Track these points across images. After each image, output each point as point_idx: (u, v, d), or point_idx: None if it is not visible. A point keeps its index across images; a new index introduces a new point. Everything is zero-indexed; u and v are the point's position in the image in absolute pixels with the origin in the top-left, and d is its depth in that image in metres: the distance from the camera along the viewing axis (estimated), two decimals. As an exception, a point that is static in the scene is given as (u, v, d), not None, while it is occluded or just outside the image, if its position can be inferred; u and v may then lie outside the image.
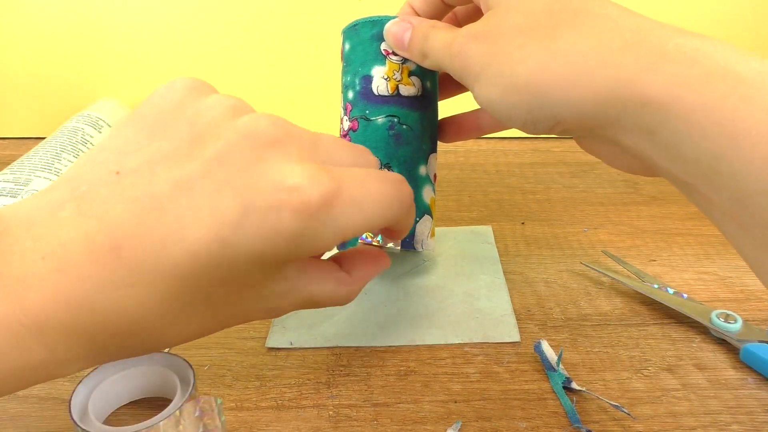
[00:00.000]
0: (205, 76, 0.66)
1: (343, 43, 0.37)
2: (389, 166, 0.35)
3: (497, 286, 0.37)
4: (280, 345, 0.32)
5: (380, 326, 0.34)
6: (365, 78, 0.35)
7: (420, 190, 0.36)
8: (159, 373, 0.28)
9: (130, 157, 0.21)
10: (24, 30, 0.59)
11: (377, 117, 0.35)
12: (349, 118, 0.36)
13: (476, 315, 0.34)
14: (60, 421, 0.27)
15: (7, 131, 0.63)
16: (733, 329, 0.31)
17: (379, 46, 0.35)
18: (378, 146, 0.35)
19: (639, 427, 0.27)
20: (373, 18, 0.35)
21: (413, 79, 0.35)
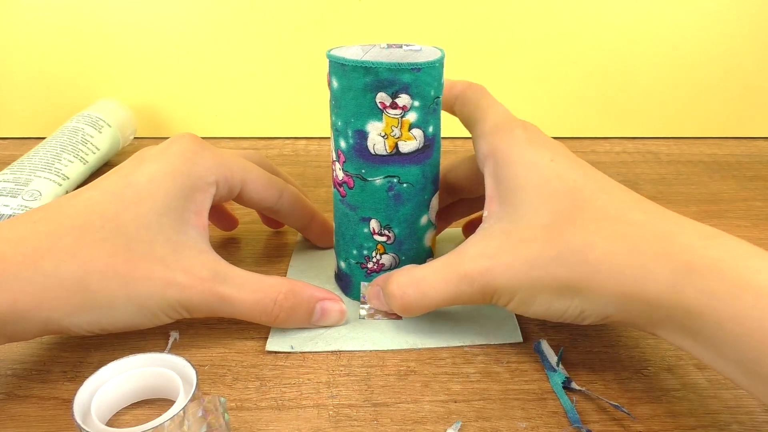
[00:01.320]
0: (205, 76, 0.66)
1: (330, 75, 0.32)
2: (389, 227, 0.33)
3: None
4: (281, 349, 0.32)
5: (381, 331, 0.33)
6: (359, 133, 0.31)
7: (422, 241, 0.35)
8: (161, 375, 0.28)
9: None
10: (24, 30, 0.59)
11: (375, 178, 0.32)
12: (343, 170, 0.33)
13: (478, 319, 0.34)
14: (60, 421, 0.27)
15: (7, 131, 0.63)
16: (733, 329, 0.31)
17: (374, 98, 0.30)
18: (377, 208, 0.33)
19: (639, 427, 0.27)
20: (365, 63, 0.29)
21: (414, 132, 0.31)
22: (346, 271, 0.36)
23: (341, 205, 0.34)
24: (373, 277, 0.35)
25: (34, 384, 0.29)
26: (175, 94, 0.62)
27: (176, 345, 0.32)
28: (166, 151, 0.32)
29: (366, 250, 0.34)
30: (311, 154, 0.60)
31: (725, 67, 0.62)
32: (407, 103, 0.30)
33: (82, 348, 0.32)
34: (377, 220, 0.33)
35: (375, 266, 0.35)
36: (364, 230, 0.34)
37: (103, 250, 0.28)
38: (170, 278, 0.29)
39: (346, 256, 0.35)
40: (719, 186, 0.53)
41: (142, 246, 0.29)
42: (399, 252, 0.34)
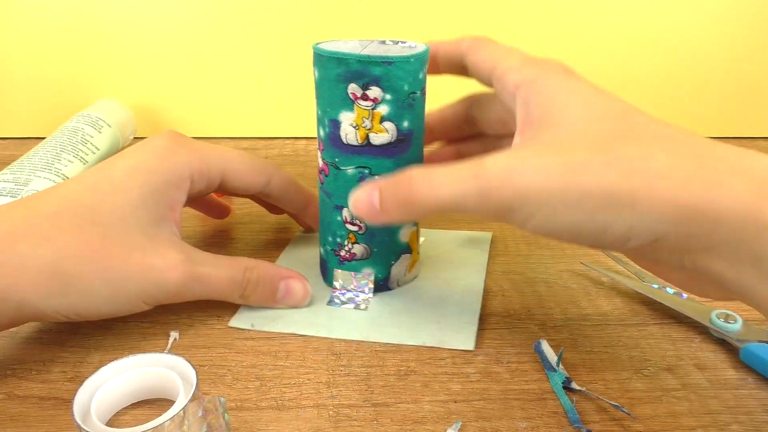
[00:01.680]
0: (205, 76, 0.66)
1: (313, 66, 0.33)
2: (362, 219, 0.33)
3: (472, 293, 0.36)
4: (241, 326, 0.33)
5: (341, 319, 0.34)
6: (333, 122, 0.32)
7: (396, 235, 0.35)
8: (161, 375, 0.28)
9: None
10: (24, 30, 0.59)
11: (347, 167, 0.33)
12: (321, 157, 0.34)
13: (440, 319, 0.34)
14: (60, 421, 0.27)
15: (7, 131, 0.63)
16: (733, 329, 0.31)
17: (345, 89, 0.31)
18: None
19: (639, 427, 0.27)
20: (337, 53, 0.30)
21: (386, 125, 0.31)
22: (324, 257, 0.37)
23: (320, 192, 0.35)
24: (346, 265, 0.35)
25: (34, 384, 0.29)
26: (175, 94, 0.62)
27: (176, 345, 0.32)
28: (143, 147, 0.33)
29: (339, 238, 0.35)
30: (311, 154, 0.60)
31: (725, 67, 0.62)
32: (378, 96, 0.31)
33: (82, 348, 0.32)
34: (349, 210, 0.33)
35: (347, 255, 0.35)
36: (337, 218, 0.34)
37: (79, 236, 0.29)
38: (148, 263, 0.30)
39: (324, 242, 0.36)
40: (719, 186, 0.53)
41: (117, 235, 0.30)
42: (371, 243, 0.35)
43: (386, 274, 0.36)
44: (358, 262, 0.35)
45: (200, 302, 0.35)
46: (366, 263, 0.35)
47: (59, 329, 0.33)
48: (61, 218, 0.29)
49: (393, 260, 0.36)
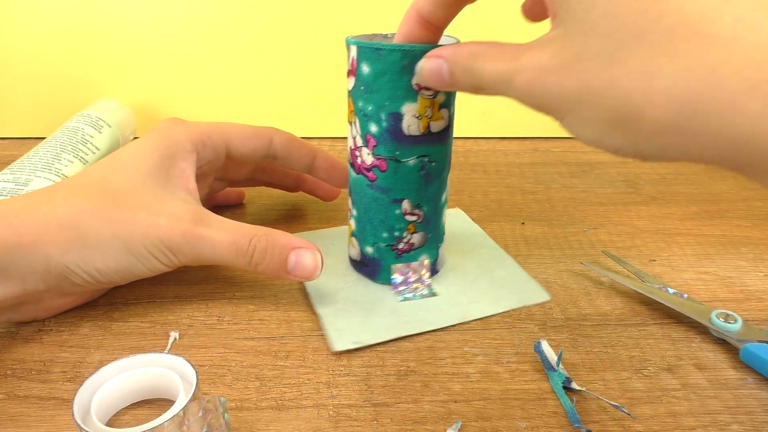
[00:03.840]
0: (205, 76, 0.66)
1: (358, 62, 0.32)
2: (419, 206, 0.35)
3: (499, 255, 0.40)
4: (347, 347, 0.31)
5: (425, 310, 0.34)
6: (394, 115, 0.32)
7: (442, 217, 0.37)
8: (161, 375, 0.28)
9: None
10: (24, 30, 0.59)
11: (408, 159, 0.33)
12: (373, 154, 0.33)
13: (501, 284, 0.37)
14: (60, 421, 0.27)
15: (7, 131, 0.63)
16: (733, 329, 0.31)
17: (410, 81, 0.31)
18: (409, 188, 0.34)
19: (639, 427, 0.27)
20: (403, 46, 0.30)
21: (443, 112, 0.33)
22: (374, 255, 0.36)
23: (370, 190, 0.35)
24: (404, 258, 0.36)
25: (34, 384, 0.29)
26: (175, 94, 0.62)
27: (176, 345, 0.32)
28: (148, 134, 0.36)
29: (397, 232, 0.35)
30: (311, 154, 0.60)
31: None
32: None
33: (82, 348, 0.32)
34: (409, 201, 0.34)
35: (406, 246, 0.36)
36: (395, 212, 0.35)
37: (92, 198, 0.32)
38: (153, 221, 0.31)
39: (375, 241, 0.36)
40: (719, 186, 0.53)
41: (127, 197, 0.32)
42: (427, 230, 0.36)
43: (436, 258, 0.37)
44: (416, 252, 0.36)
45: (200, 302, 0.35)
46: (422, 251, 0.36)
47: (59, 329, 0.33)
48: (76, 188, 0.32)
49: (440, 242, 0.37)
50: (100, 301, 0.35)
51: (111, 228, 0.31)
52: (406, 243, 0.35)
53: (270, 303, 0.35)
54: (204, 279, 0.38)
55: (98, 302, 0.35)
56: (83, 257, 0.31)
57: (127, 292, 0.36)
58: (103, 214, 0.31)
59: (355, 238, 0.37)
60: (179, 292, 0.36)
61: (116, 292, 0.36)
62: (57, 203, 0.31)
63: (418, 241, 0.36)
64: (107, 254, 0.31)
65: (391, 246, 0.36)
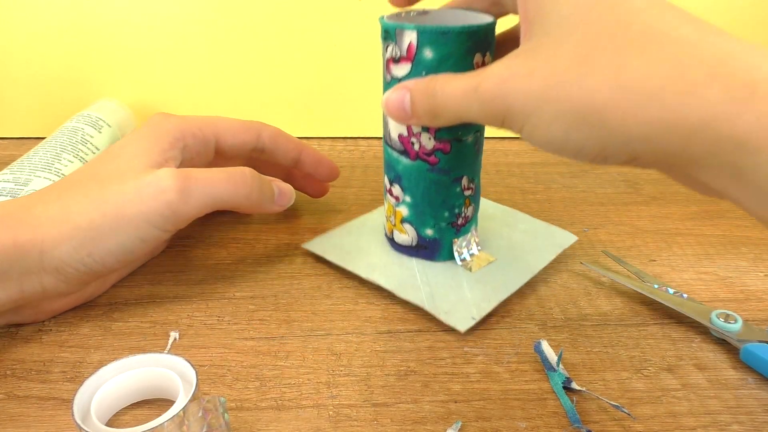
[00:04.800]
0: (205, 76, 0.66)
1: (419, 47, 0.31)
2: (473, 179, 0.36)
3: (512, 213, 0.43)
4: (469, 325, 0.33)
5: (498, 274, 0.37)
6: None
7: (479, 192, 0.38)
8: (161, 375, 0.28)
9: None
10: (24, 30, 0.59)
11: (468, 136, 0.35)
12: (435, 137, 0.34)
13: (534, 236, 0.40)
14: (60, 421, 0.27)
15: (7, 131, 0.63)
16: (733, 329, 0.31)
17: (473, 60, 0.31)
18: (468, 163, 0.35)
19: (639, 427, 0.27)
20: (470, 27, 0.30)
21: None
22: (435, 236, 0.37)
23: (431, 174, 0.35)
24: (463, 232, 0.38)
25: (34, 384, 0.29)
26: (175, 94, 0.62)
27: (176, 345, 0.32)
28: (139, 128, 0.36)
29: (457, 209, 0.37)
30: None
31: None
32: (489, 61, 0.32)
33: (82, 348, 0.32)
34: (467, 176, 0.36)
35: (463, 221, 0.37)
36: (456, 190, 0.36)
37: (81, 190, 0.32)
38: (141, 181, 0.32)
39: (436, 222, 0.37)
40: (719, 186, 0.53)
41: (114, 180, 0.32)
42: (476, 201, 0.38)
43: (476, 224, 0.39)
44: (469, 224, 0.38)
45: (200, 302, 0.35)
46: (472, 222, 0.38)
47: (59, 329, 0.33)
48: (67, 183, 0.33)
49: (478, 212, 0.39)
50: (100, 301, 0.35)
51: (99, 208, 0.31)
52: (463, 217, 0.37)
53: (270, 303, 0.35)
54: (204, 279, 0.38)
55: (98, 302, 0.35)
56: (75, 246, 0.30)
57: (127, 292, 0.36)
58: (90, 198, 0.31)
59: (408, 224, 0.37)
60: (179, 292, 0.36)
61: (116, 292, 0.36)
62: (49, 201, 0.32)
63: (471, 212, 0.38)
64: (101, 236, 0.31)
65: (452, 223, 0.37)
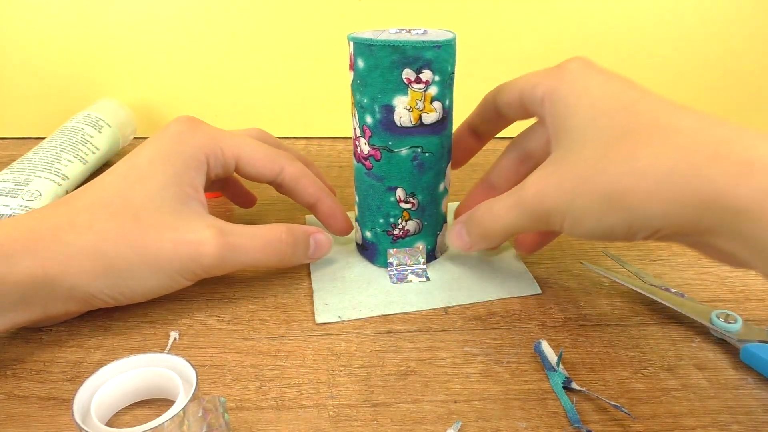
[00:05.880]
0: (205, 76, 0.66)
1: (354, 56, 0.34)
2: (414, 194, 0.36)
3: (502, 247, 0.40)
4: (329, 320, 0.34)
5: (413, 293, 0.36)
6: (386, 108, 0.33)
7: (439, 206, 0.38)
8: (161, 375, 0.28)
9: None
10: (24, 30, 0.59)
11: (401, 149, 0.34)
12: (369, 144, 0.35)
13: (495, 274, 0.38)
14: (60, 421, 0.27)
15: (7, 131, 0.63)
16: (733, 329, 0.31)
17: (400, 74, 0.32)
18: (402, 177, 0.35)
19: (639, 427, 0.27)
20: (392, 42, 0.32)
21: (435, 105, 0.34)
22: (372, 240, 0.38)
23: (367, 178, 0.36)
24: (399, 243, 0.38)
25: (34, 384, 0.29)
26: (176, 93, 0.62)
27: (176, 345, 0.32)
28: (162, 134, 0.35)
29: (392, 218, 0.37)
30: (312, 154, 0.60)
31: (725, 67, 0.62)
32: (429, 78, 0.33)
33: (82, 348, 0.32)
34: (403, 189, 0.36)
35: (401, 233, 0.37)
36: (390, 199, 0.36)
37: (114, 221, 0.31)
38: (180, 239, 0.32)
39: (372, 226, 0.38)
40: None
41: (149, 216, 0.32)
42: (422, 217, 0.37)
43: (433, 245, 0.39)
44: (411, 238, 0.38)
45: (200, 302, 0.35)
46: (418, 237, 0.38)
47: (59, 329, 0.33)
48: (97, 208, 0.32)
49: (438, 230, 0.39)
50: (100, 301, 0.35)
51: (137, 253, 0.31)
52: (401, 229, 0.37)
53: (270, 303, 0.35)
54: (204, 279, 0.38)
55: (98, 302, 0.35)
56: (109, 284, 0.31)
57: (127, 292, 0.36)
58: (129, 240, 0.31)
59: (357, 222, 0.39)
60: (179, 292, 0.36)
61: (116, 292, 0.36)
62: (80, 231, 0.30)
63: (413, 228, 0.37)
64: (134, 278, 0.31)
65: (387, 231, 0.37)
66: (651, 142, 0.25)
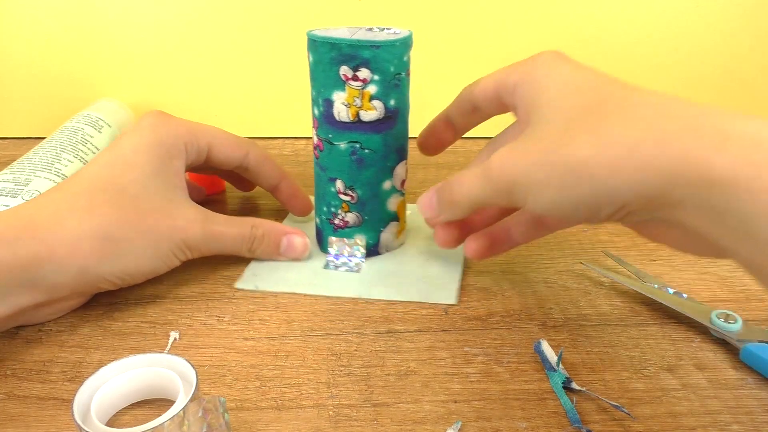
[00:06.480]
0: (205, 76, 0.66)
1: (307, 51, 0.35)
2: (353, 188, 0.37)
3: (455, 256, 0.39)
4: (247, 287, 0.36)
5: (337, 280, 0.37)
6: (327, 102, 0.35)
7: (384, 204, 0.38)
8: (161, 375, 0.28)
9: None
10: (24, 30, 0.59)
11: (339, 143, 0.36)
12: (317, 134, 0.37)
13: (425, 279, 0.37)
14: (60, 421, 0.27)
15: (7, 131, 0.63)
16: (733, 329, 0.31)
17: (338, 71, 0.34)
18: (342, 169, 0.37)
19: (639, 427, 0.27)
20: (330, 39, 0.33)
21: (375, 103, 0.35)
22: (320, 226, 0.40)
23: (316, 167, 0.39)
24: (340, 233, 0.39)
25: (34, 384, 0.29)
26: (175, 94, 0.62)
27: (176, 345, 0.32)
28: (139, 126, 0.37)
29: (333, 208, 0.38)
30: (311, 154, 0.60)
31: (725, 67, 0.62)
32: (367, 77, 0.34)
33: (82, 348, 0.32)
34: (342, 181, 0.37)
35: (341, 223, 0.39)
36: (331, 189, 0.38)
37: (113, 207, 0.33)
38: (173, 224, 0.35)
39: (319, 213, 0.40)
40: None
41: (144, 201, 0.34)
42: (362, 212, 0.38)
43: (376, 241, 0.39)
44: (351, 230, 0.39)
45: (200, 302, 0.35)
46: (358, 230, 0.39)
47: (59, 329, 0.33)
48: (93, 194, 0.33)
49: (382, 227, 0.39)
50: (100, 301, 0.35)
51: (141, 237, 0.33)
52: (341, 220, 0.38)
53: (270, 303, 0.35)
54: (204, 279, 0.38)
55: (98, 302, 0.35)
56: (118, 265, 0.33)
57: (127, 292, 0.36)
58: (131, 225, 0.33)
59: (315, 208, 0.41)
60: (179, 292, 0.36)
61: (116, 292, 0.36)
62: (81, 215, 0.32)
63: (352, 220, 0.38)
64: (138, 260, 0.34)
65: (329, 220, 0.39)
66: (619, 114, 0.24)
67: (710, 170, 0.21)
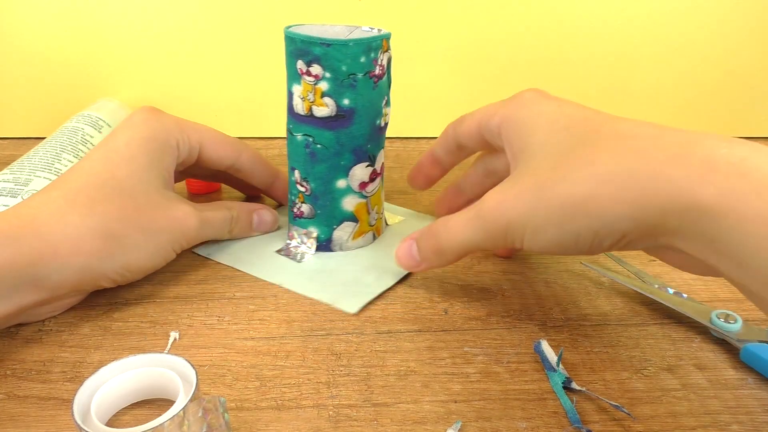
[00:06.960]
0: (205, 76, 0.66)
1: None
2: (306, 180, 0.38)
3: (393, 272, 0.38)
4: (201, 253, 0.39)
5: (276, 266, 0.38)
6: (289, 93, 0.37)
7: (338, 202, 0.39)
8: (161, 375, 0.28)
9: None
10: (24, 30, 0.59)
11: (297, 134, 0.37)
12: (286, 123, 0.38)
13: (349, 285, 0.37)
14: (60, 421, 0.27)
15: (7, 131, 0.63)
16: (733, 329, 0.31)
17: (295, 64, 0.35)
18: (298, 160, 0.38)
19: (639, 427, 0.27)
20: (289, 33, 0.35)
21: (326, 100, 0.35)
22: (288, 214, 0.41)
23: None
24: (298, 222, 0.40)
25: (34, 384, 0.29)
26: (175, 94, 0.62)
27: (176, 345, 0.32)
28: (131, 121, 0.37)
29: (293, 196, 0.40)
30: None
31: (725, 67, 0.62)
32: (319, 73, 0.35)
33: (82, 348, 0.32)
34: (299, 171, 0.38)
35: (298, 212, 0.40)
36: (292, 178, 0.39)
37: (113, 202, 0.33)
38: (171, 216, 0.35)
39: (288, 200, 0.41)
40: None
41: (142, 196, 0.34)
42: (315, 205, 0.39)
43: (329, 236, 0.40)
44: (306, 221, 0.40)
45: (200, 302, 0.35)
46: (311, 222, 0.39)
47: (59, 329, 0.33)
48: (91, 190, 0.33)
49: (335, 225, 0.39)
50: (100, 301, 0.35)
51: (141, 232, 0.34)
52: (297, 209, 0.40)
53: (270, 303, 0.35)
54: (204, 279, 0.38)
55: (98, 302, 0.35)
56: (120, 262, 0.33)
57: (127, 292, 0.36)
58: (132, 221, 0.33)
59: None
60: (179, 292, 0.36)
61: (116, 292, 0.36)
62: (82, 212, 0.32)
63: (306, 211, 0.39)
64: (140, 255, 0.34)
65: (292, 207, 0.40)
66: (609, 146, 0.25)
67: (698, 201, 0.22)
